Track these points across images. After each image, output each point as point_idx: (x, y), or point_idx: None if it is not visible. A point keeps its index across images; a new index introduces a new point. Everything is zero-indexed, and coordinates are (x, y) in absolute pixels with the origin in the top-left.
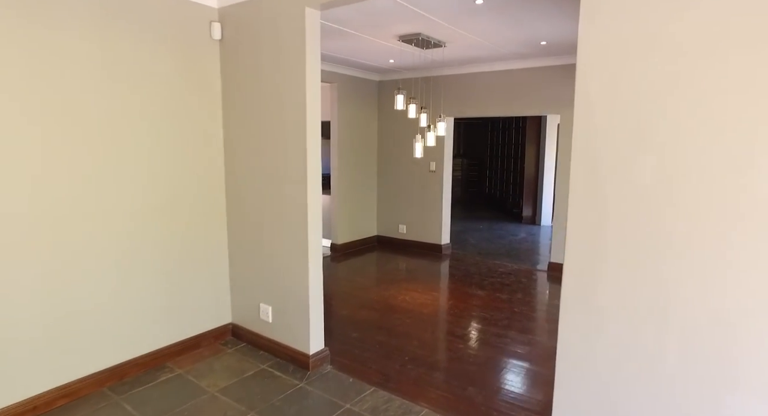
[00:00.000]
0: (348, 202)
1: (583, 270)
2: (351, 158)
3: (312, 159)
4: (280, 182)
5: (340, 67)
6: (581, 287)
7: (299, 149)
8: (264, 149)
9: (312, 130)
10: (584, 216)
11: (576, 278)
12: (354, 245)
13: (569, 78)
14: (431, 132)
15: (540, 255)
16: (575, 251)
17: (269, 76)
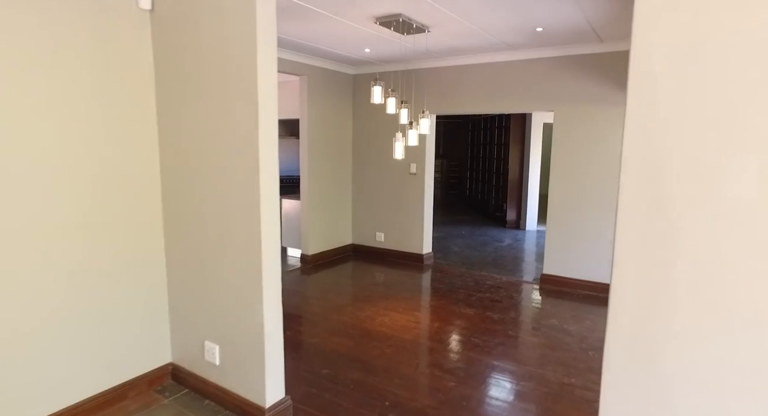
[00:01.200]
0: (320, 208)
1: (639, 323)
2: (323, 159)
3: (266, 158)
4: (227, 187)
5: (309, 58)
6: (636, 346)
7: (249, 145)
8: (207, 146)
9: (266, 122)
10: (641, 244)
11: (628, 334)
12: (327, 255)
13: (565, 71)
14: (413, 129)
15: (529, 265)
16: (626, 294)
17: (212, 56)
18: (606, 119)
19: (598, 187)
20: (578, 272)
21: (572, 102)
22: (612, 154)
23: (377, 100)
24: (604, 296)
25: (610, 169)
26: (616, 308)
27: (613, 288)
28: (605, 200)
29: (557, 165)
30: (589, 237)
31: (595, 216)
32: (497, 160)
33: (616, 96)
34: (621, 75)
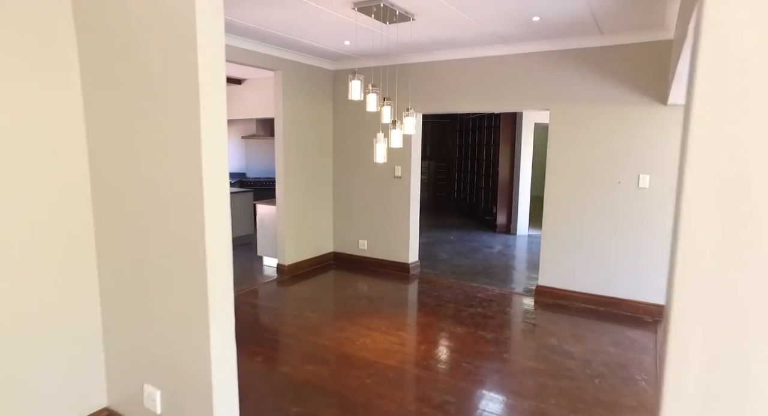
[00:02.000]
0: (298, 214)
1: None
2: (301, 161)
3: (213, 164)
4: (165, 198)
5: (284, 51)
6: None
7: (190, 145)
8: (141, 149)
9: (212, 117)
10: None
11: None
12: (306, 265)
13: (561, 67)
14: (397, 129)
15: (522, 274)
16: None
17: (144, 31)
18: (606, 118)
19: (597, 192)
20: (576, 284)
21: (569, 100)
22: (612, 156)
23: (356, 96)
24: (605, 310)
25: (611, 172)
26: (677, 350)
27: (673, 323)
28: (605, 205)
29: (553, 168)
30: (589, 246)
31: (595, 223)
32: (486, 162)
33: (616, 93)
34: (622, 70)
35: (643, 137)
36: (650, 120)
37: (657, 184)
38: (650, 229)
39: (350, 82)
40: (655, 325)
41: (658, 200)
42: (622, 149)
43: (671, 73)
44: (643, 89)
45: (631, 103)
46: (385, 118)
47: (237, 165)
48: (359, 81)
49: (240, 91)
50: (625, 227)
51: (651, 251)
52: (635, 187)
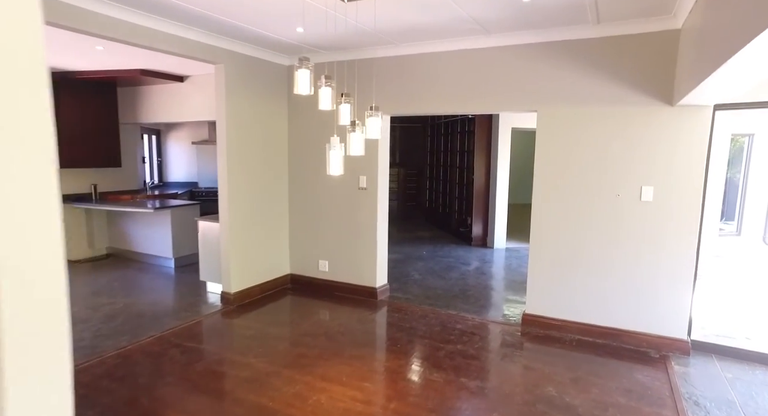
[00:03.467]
0: (246, 232)
1: None
2: (249, 171)
3: None
4: None
5: (226, 40)
6: None
7: None
8: None
9: None
10: None
11: None
12: (256, 291)
13: (551, 61)
14: (357, 132)
15: (504, 297)
16: None
17: None
18: (602, 122)
19: (593, 206)
20: (569, 312)
21: (560, 101)
22: (610, 165)
23: (303, 90)
24: (604, 343)
25: (608, 184)
26: None
27: None
28: (602, 222)
29: (541, 179)
30: (583, 269)
31: (590, 243)
32: (460, 169)
33: (614, 92)
34: (620, 66)
35: (645, 143)
36: (654, 123)
37: (662, 197)
38: (654, 250)
39: (296, 72)
40: (665, 362)
41: (664, 215)
42: (621, 157)
43: (679, 68)
44: (646, 87)
45: (632, 103)
46: (343, 118)
47: (187, 173)
48: (307, 70)
49: (183, 89)
50: (625, 247)
51: (655, 275)
52: (637, 201)
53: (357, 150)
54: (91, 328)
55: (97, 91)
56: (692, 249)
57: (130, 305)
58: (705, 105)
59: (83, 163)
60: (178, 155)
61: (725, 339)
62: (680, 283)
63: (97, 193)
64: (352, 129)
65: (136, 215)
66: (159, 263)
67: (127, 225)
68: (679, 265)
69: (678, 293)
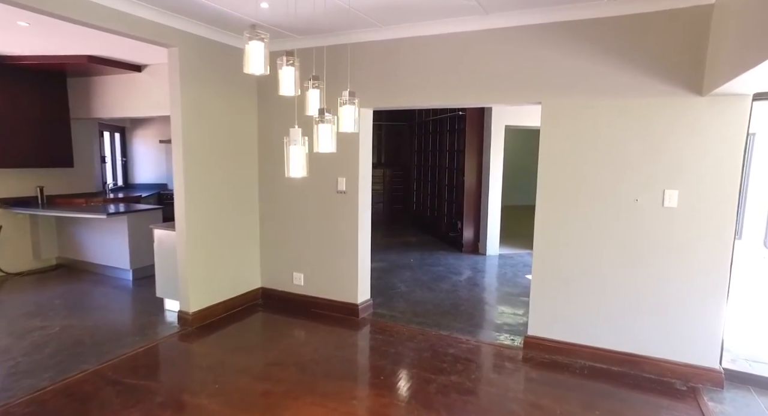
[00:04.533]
0: (208, 241)
1: None
2: (213, 172)
3: None
4: None
5: (180, 19)
6: None
7: None
8: None
9: None
10: None
11: None
12: (221, 309)
13: (556, 45)
14: (326, 124)
15: (500, 313)
16: None
17: None
18: (618, 115)
19: (607, 213)
20: (580, 334)
21: (568, 91)
22: (627, 165)
23: (256, 69)
24: (620, 371)
25: (625, 187)
26: None
27: None
28: (618, 231)
29: (546, 181)
30: (596, 285)
31: (604, 255)
32: (450, 170)
33: (632, 81)
34: (640, 49)
35: (669, 139)
36: (680, 116)
37: (689, 203)
38: (679, 263)
39: (246, 46)
40: (696, 397)
41: (691, 223)
42: (639, 156)
43: (713, 51)
44: (670, 75)
45: (653, 93)
46: (311, 106)
47: (156, 175)
48: (261, 42)
49: (141, 81)
50: (644, 260)
51: (680, 292)
52: (658, 207)
53: (326, 146)
54: (7, 363)
55: (40, 80)
56: (724, 263)
57: (68, 329)
58: (743, 94)
59: (25, 163)
60: (146, 155)
61: (761, 367)
62: (710, 303)
63: (44, 197)
64: (320, 119)
65: (89, 221)
66: (115, 275)
67: (80, 233)
68: (709, 282)
69: (708, 314)
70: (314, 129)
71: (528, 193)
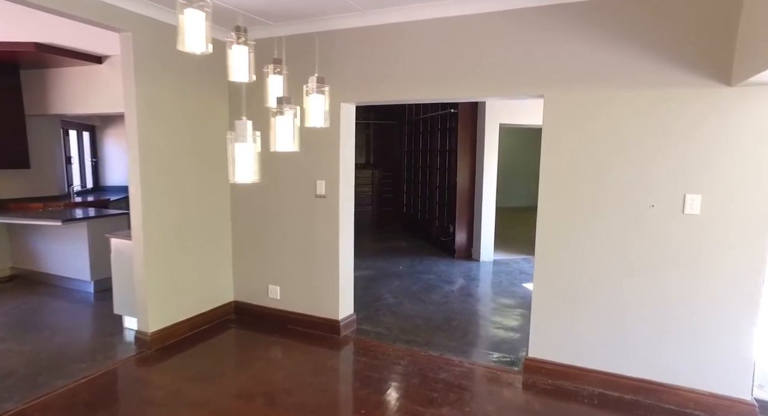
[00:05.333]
0: (171, 252)
1: None
2: (177, 175)
3: None
4: None
5: (133, 0)
6: None
7: None
8: None
9: None
10: None
11: None
12: (186, 328)
13: (561, 30)
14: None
15: (496, 327)
16: None
17: None
18: (631, 109)
19: (618, 220)
20: (587, 357)
21: (573, 81)
22: (642, 166)
23: (194, 45)
24: (634, 400)
25: (639, 191)
26: None
27: None
28: (632, 240)
29: (549, 184)
30: (606, 302)
31: (616, 267)
32: (441, 170)
33: (647, 69)
34: (656, 33)
35: (690, 137)
36: (704, 110)
37: (714, 209)
38: (702, 278)
39: (180, 16)
40: None
41: (716, 233)
42: (656, 156)
43: (744, 34)
44: (692, 62)
45: (672, 83)
46: (272, 97)
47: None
48: (202, 12)
49: (102, 73)
50: (662, 274)
51: (703, 311)
52: (678, 213)
53: (286, 143)
54: None
55: None
56: (757, 278)
57: (1, 355)
58: None
59: None
60: (118, 155)
61: None
62: (741, 323)
63: None
64: (279, 110)
65: (46, 228)
66: (75, 287)
67: (35, 241)
68: (739, 300)
69: (738, 336)
70: (271, 122)
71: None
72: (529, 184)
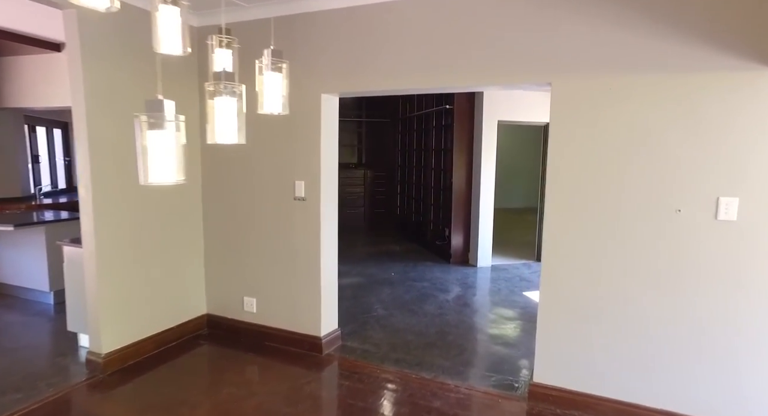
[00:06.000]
0: (133, 261)
1: None
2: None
3: None
4: None
5: None
6: None
7: None
8: None
9: None
10: None
11: None
12: (149, 346)
13: (575, 7)
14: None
15: (497, 344)
16: None
17: None
18: (655, 98)
19: (638, 226)
20: (601, 383)
21: (586, 66)
22: (667, 164)
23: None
24: None
25: (663, 193)
26: None
27: None
28: (654, 250)
29: (557, 185)
30: (623, 320)
31: (634, 281)
32: (436, 170)
33: (674, 51)
34: (682, 8)
35: (727, 130)
36: (743, 98)
37: (754, 214)
38: (738, 294)
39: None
40: None
41: (756, 242)
42: (685, 152)
43: None
44: (730, 41)
45: (706, 66)
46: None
47: None
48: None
49: (63, 62)
50: (689, 289)
51: (739, 333)
52: (710, 219)
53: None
54: None
55: None
56: None
57: None
58: None
59: None
60: None
61: None
62: None
63: None
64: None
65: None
66: (33, 298)
67: None
68: None
69: None
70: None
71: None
72: (528, 184)
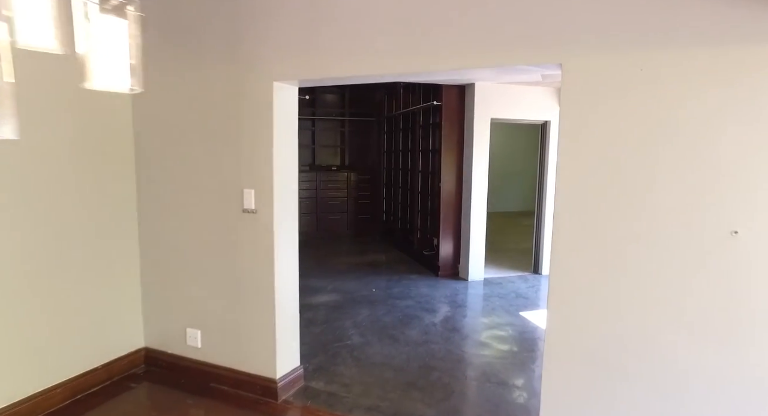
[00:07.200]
0: (39, 288)
1: None
2: (46, 180)
3: None
4: None
5: None
6: None
7: None
8: None
9: None
10: None
11: None
12: (60, 396)
13: None
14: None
15: (492, 383)
16: None
17: None
18: (697, 80)
19: (678, 251)
20: None
21: (607, 41)
22: (719, 171)
23: None
24: None
25: (712, 209)
26: None
27: None
28: (700, 281)
29: (568, 195)
30: (656, 372)
31: (673, 321)
32: (424, 173)
33: (714, 18)
34: None
35: None
36: None
37: None
38: None
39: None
40: None
41: None
42: (743, 153)
43: None
44: None
45: (757, 39)
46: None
47: None
48: None
49: None
50: (748, 335)
51: None
52: None
53: None
54: None
55: None
56: None
57: None
58: None
59: None
60: None
61: None
62: None
63: None
64: None
65: None
66: None
67: None
68: None
69: None
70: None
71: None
72: (523, 186)
